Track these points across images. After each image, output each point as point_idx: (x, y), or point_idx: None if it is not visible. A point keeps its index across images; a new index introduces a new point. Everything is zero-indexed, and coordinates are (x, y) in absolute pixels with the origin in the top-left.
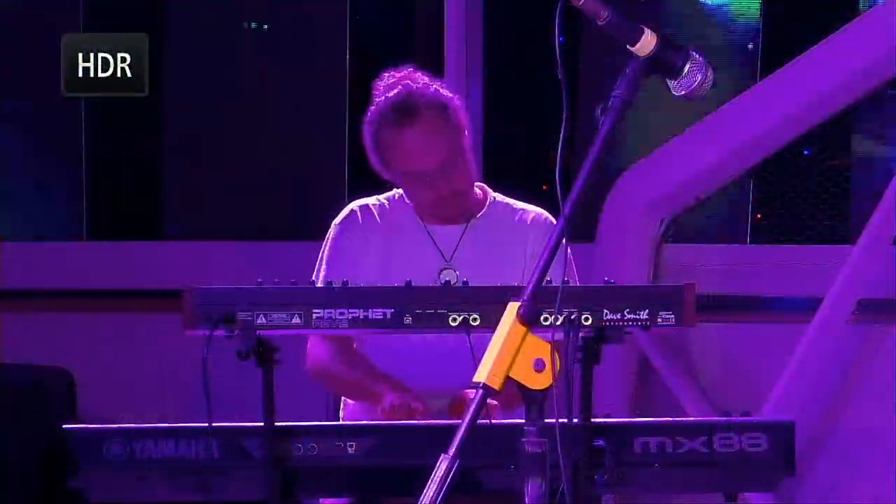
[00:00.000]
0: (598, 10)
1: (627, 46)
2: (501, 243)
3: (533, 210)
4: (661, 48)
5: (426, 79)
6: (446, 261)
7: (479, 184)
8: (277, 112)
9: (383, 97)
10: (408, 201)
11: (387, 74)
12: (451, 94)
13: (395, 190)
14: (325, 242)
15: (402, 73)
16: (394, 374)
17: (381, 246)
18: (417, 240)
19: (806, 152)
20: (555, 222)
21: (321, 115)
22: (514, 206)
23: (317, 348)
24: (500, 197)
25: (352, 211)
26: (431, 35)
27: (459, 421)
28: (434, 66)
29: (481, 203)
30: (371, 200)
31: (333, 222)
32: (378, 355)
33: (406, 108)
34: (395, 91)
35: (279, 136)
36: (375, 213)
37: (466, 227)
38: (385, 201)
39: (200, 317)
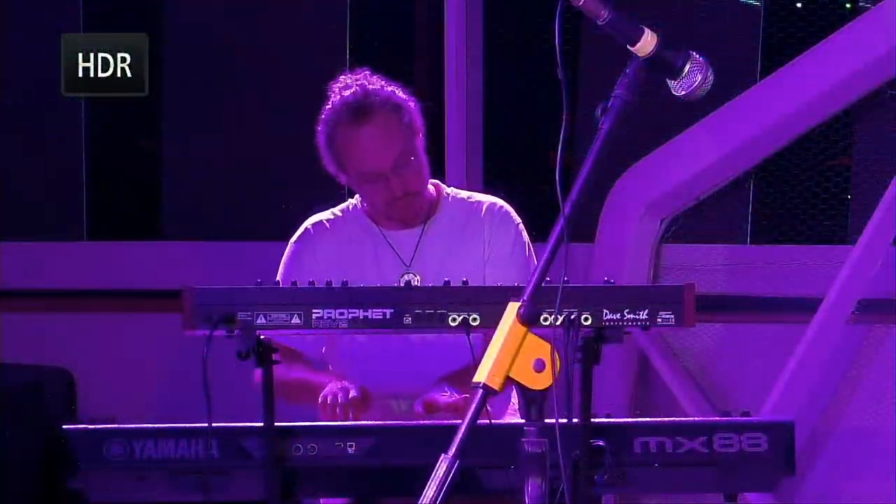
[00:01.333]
0: (598, 10)
1: (627, 46)
2: (459, 239)
3: (487, 199)
4: (661, 48)
5: (382, 81)
6: (406, 265)
7: (432, 181)
8: (277, 112)
9: (339, 97)
10: (360, 206)
11: (342, 77)
12: (406, 97)
13: (349, 201)
14: (281, 262)
15: (357, 76)
16: (386, 375)
17: (339, 258)
18: (376, 247)
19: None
20: (509, 209)
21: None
22: (468, 200)
23: None
24: (453, 191)
25: (305, 229)
26: (431, 35)
27: (459, 421)
28: (434, 66)
29: (436, 202)
30: (325, 215)
31: (290, 241)
32: (372, 355)
33: (361, 107)
34: (351, 91)
35: (279, 136)
36: (329, 227)
37: (423, 228)
38: (340, 213)
39: (200, 317)
